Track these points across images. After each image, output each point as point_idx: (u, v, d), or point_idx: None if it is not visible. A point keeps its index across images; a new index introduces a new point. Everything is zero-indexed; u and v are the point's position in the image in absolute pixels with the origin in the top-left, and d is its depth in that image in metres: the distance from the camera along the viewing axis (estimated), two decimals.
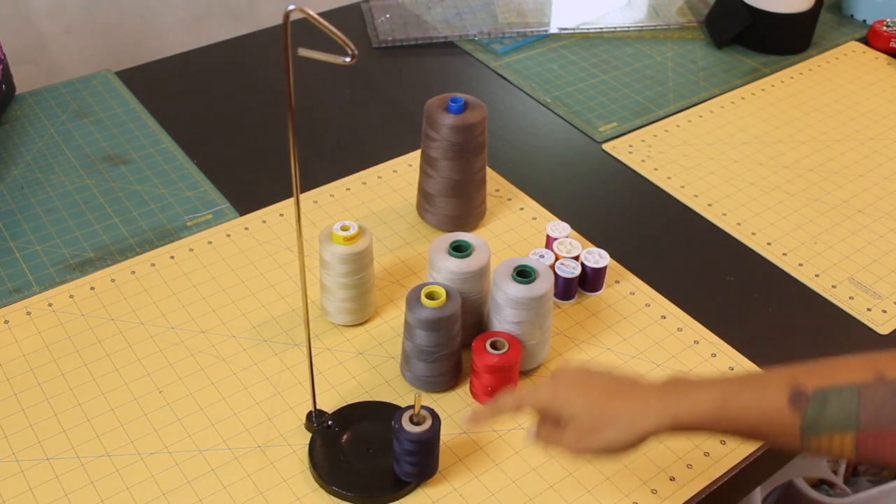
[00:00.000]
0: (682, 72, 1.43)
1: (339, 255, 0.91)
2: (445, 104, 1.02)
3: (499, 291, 0.88)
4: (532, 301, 0.87)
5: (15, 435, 0.85)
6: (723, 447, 0.87)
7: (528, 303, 0.87)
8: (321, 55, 0.62)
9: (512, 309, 0.87)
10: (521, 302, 0.87)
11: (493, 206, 1.13)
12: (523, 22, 1.51)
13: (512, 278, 0.87)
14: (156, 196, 1.13)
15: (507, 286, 0.87)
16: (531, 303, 0.87)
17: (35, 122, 1.25)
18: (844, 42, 1.53)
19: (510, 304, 0.87)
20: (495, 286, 0.89)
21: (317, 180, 1.16)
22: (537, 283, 0.87)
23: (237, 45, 1.45)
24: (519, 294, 0.87)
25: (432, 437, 0.78)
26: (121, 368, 0.91)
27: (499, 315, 0.89)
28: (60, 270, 1.02)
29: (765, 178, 1.21)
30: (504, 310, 0.88)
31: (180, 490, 0.81)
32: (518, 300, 0.87)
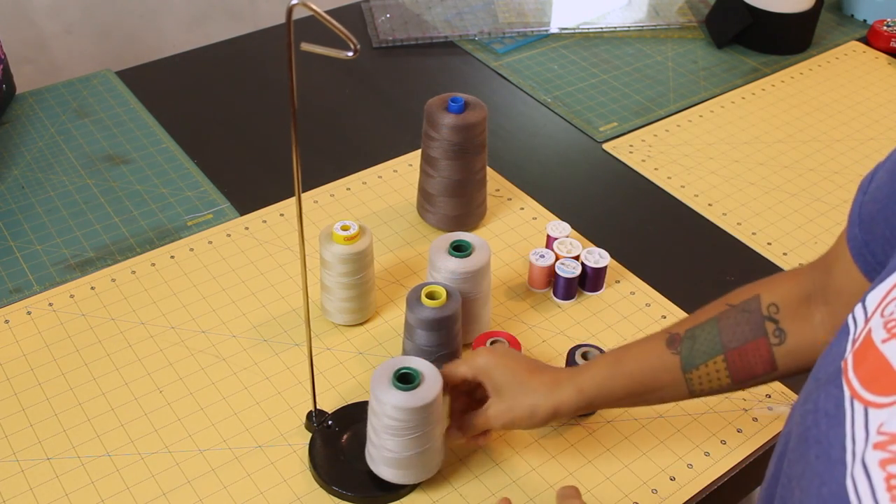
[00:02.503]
0: (682, 72, 1.43)
1: (339, 254, 0.91)
2: (446, 104, 1.02)
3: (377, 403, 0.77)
4: (418, 410, 0.76)
5: (15, 435, 0.85)
6: (723, 447, 0.87)
7: (413, 412, 0.76)
8: (324, 50, 0.62)
9: (392, 420, 0.76)
10: (402, 409, 0.76)
11: (494, 206, 1.13)
12: (523, 22, 1.51)
13: (392, 384, 0.76)
14: (156, 196, 1.13)
15: (387, 394, 0.76)
16: (416, 412, 0.76)
17: (35, 122, 1.25)
18: (845, 42, 1.53)
19: (393, 413, 0.76)
20: (373, 397, 0.77)
21: (317, 180, 1.16)
22: (423, 387, 0.77)
23: (237, 45, 1.45)
24: (403, 403, 0.75)
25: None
26: (121, 368, 0.91)
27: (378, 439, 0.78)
28: (61, 270, 1.02)
29: (765, 177, 1.21)
30: (383, 419, 0.77)
31: (180, 490, 0.81)
32: (400, 408, 0.75)
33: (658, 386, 0.77)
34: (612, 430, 0.87)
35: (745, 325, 0.75)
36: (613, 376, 0.78)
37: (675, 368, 0.77)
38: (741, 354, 0.75)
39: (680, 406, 0.90)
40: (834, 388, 0.50)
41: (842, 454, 0.46)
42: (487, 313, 0.95)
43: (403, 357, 0.79)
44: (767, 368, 0.75)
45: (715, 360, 0.75)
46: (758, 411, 0.90)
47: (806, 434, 0.51)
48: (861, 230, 0.64)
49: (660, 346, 0.78)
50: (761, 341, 0.74)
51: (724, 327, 0.75)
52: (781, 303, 0.75)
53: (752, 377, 0.75)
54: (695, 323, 0.77)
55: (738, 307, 0.76)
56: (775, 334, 0.74)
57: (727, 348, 0.75)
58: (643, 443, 0.86)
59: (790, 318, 0.74)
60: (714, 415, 0.89)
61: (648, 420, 0.88)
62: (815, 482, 0.48)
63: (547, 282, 1.01)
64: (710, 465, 0.85)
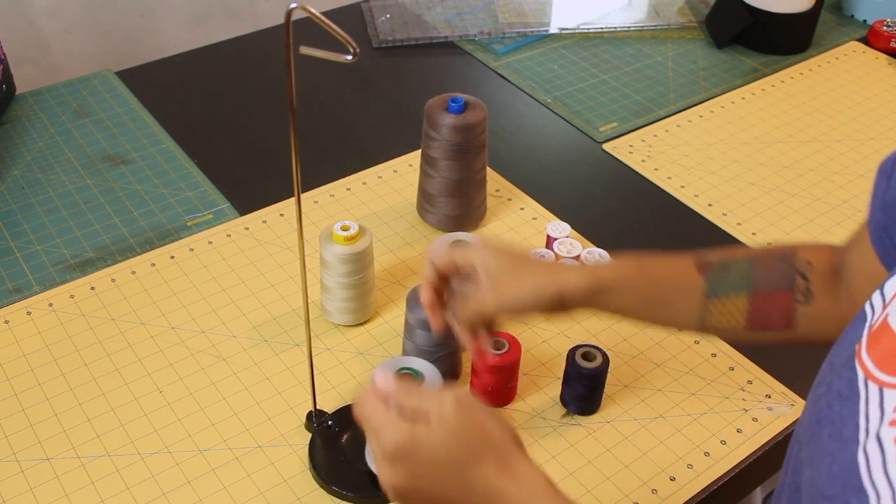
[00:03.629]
0: (682, 72, 1.43)
1: (339, 255, 0.91)
2: (446, 104, 1.02)
3: None
4: None
5: (15, 435, 0.85)
6: (723, 447, 0.87)
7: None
8: (323, 53, 0.62)
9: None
10: None
11: (494, 206, 1.13)
12: (523, 22, 1.51)
13: None
14: (156, 196, 1.13)
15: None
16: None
17: (35, 122, 1.25)
18: (844, 42, 1.53)
19: None
20: None
21: (317, 180, 1.16)
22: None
23: (237, 45, 1.45)
24: None
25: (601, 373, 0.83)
26: (121, 368, 0.91)
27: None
28: (61, 270, 1.02)
29: (765, 178, 1.21)
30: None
31: (180, 490, 0.81)
32: None
33: (675, 302, 0.74)
34: (612, 430, 0.87)
35: (779, 272, 0.73)
36: (634, 276, 0.74)
37: (697, 290, 0.73)
38: (766, 300, 0.72)
39: (680, 406, 0.90)
40: (847, 371, 0.50)
41: (855, 432, 0.46)
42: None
43: (404, 357, 0.79)
44: (784, 324, 0.72)
45: (739, 296, 0.72)
46: (758, 411, 0.90)
47: (818, 416, 0.51)
48: (883, 214, 0.63)
49: (689, 265, 0.74)
50: (789, 294, 0.72)
51: (759, 268, 0.73)
52: (816, 264, 0.73)
53: (767, 327, 0.73)
54: (729, 256, 0.75)
55: (775, 254, 0.74)
56: (803, 292, 0.72)
57: (755, 289, 0.72)
58: (643, 443, 0.86)
59: (820, 283, 0.72)
60: (714, 415, 0.89)
61: (648, 420, 0.89)
62: (825, 460, 0.48)
63: None
64: (710, 465, 0.85)
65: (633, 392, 0.91)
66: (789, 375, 0.93)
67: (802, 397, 0.91)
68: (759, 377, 0.93)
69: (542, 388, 0.91)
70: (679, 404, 0.90)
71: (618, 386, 0.91)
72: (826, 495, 0.46)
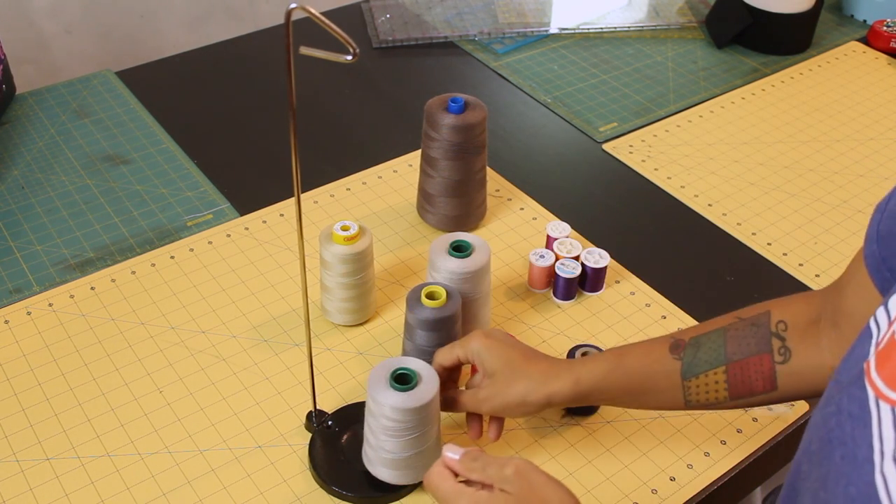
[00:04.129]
0: (682, 72, 1.43)
1: (339, 255, 0.91)
2: (445, 104, 1.02)
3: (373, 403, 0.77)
4: (415, 411, 0.76)
5: (15, 435, 0.85)
6: (723, 447, 0.87)
7: (410, 412, 0.76)
8: (323, 53, 0.62)
9: (389, 420, 0.76)
10: (400, 410, 0.76)
11: (494, 206, 1.13)
12: (523, 22, 1.51)
13: (389, 385, 0.76)
14: (156, 196, 1.13)
15: (384, 395, 0.76)
16: (414, 412, 0.76)
17: (35, 122, 1.25)
18: (844, 42, 1.53)
19: (391, 413, 0.76)
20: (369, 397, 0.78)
21: (317, 180, 1.16)
22: (420, 387, 0.77)
23: (237, 45, 1.45)
24: (400, 404, 0.75)
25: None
26: (121, 368, 0.91)
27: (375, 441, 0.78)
28: (61, 270, 1.02)
29: (765, 178, 1.21)
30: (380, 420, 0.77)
31: (180, 490, 0.81)
32: (397, 409, 0.76)
33: (655, 389, 0.77)
34: (612, 430, 0.87)
35: (752, 338, 0.74)
36: (612, 373, 0.77)
37: (674, 374, 0.76)
38: (743, 368, 0.74)
39: None
40: (857, 390, 0.50)
41: (869, 453, 0.46)
42: (487, 313, 0.95)
43: (400, 357, 0.79)
44: (767, 386, 0.74)
45: (716, 371, 0.75)
46: (758, 411, 0.90)
47: (829, 436, 0.51)
48: (879, 246, 0.63)
49: (663, 350, 0.77)
50: (765, 357, 0.74)
51: (731, 338, 0.75)
52: (791, 321, 0.74)
53: (750, 393, 0.75)
54: (701, 331, 0.77)
55: (747, 320, 0.76)
56: (780, 352, 0.74)
57: (730, 360, 0.74)
58: (643, 443, 0.86)
59: (797, 338, 0.74)
60: (714, 415, 0.89)
61: (648, 420, 0.88)
62: (841, 482, 0.47)
63: (547, 282, 1.01)
64: (710, 465, 0.85)
65: None
66: None
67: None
68: None
69: None
70: None
71: None
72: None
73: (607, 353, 0.80)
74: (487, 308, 0.95)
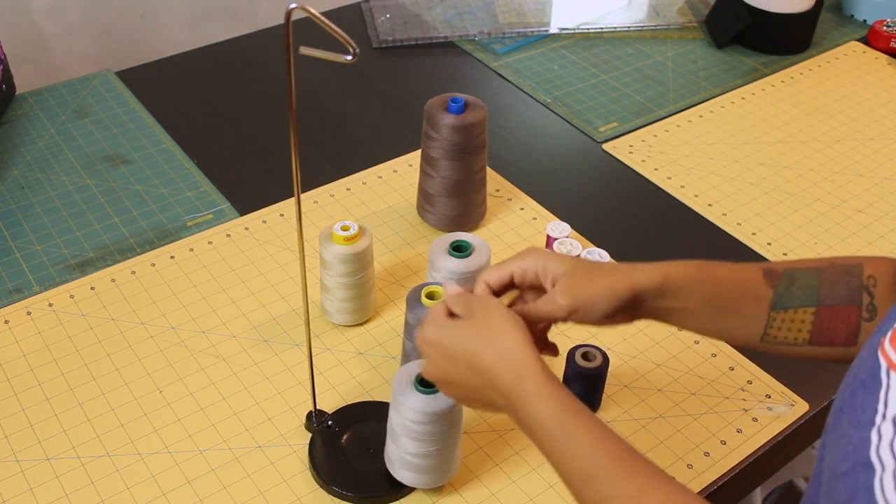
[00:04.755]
0: (682, 72, 1.43)
1: (339, 255, 0.91)
2: (445, 104, 1.02)
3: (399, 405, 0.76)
4: (438, 415, 0.76)
5: (15, 435, 0.85)
6: (723, 447, 0.87)
7: (433, 416, 0.75)
8: (323, 53, 0.62)
9: (412, 423, 0.76)
10: (423, 413, 0.75)
11: (494, 206, 1.13)
12: (523, 22, 1.51)
13: (414, 388, 0.76)
14: (156, 196, 1.13)
15: (409, 397, 0.75)
16: (437, 416, 0.76)
17: (35, 122, 1.25)
18: (844, 42, 1.53)
19: (414, 416, 0.75)
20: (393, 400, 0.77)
21: (317, 180, 1.16)
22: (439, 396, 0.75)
23: (237, 45, 1.45)
24: (424, 407, 0.75)
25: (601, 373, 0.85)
26: (121, 368, 0.91)
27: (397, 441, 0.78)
28: (61, 270, 1.02)
29: (765, 178, 1.21)
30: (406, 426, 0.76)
31: (180, 490, 0.81)
32: (421, 412, 0.75)
33: (740, 311, 0.72)
34: None
35: (845, 286, 0.71)
36: (701, 277, 0.72)
37: (764, 300, 0.72)
38: (832, 314, 0.71)
39: (680, 406, 0.90)
40: (872, 360, 0.51)
41: (872, 416, 0.48)
42: None
43: (421, 360, 0.79)
44: (849, 340, 0.71)
45: (805, 311, 0.71)
46: (758, 411, 0.90)
47: (842, 405, 0.52)
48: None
49: (756, 273, 0.73)
50: (854, 308, 0.71)
51: (826, 281, 0.71)
52: (880, 279, 0.72)
53: (830, 342, 0.72)
54: (795, 267, 0.73)
55: (840, 267, 0.72)
56: (868, 308, 0.71)
57: (822, 302, 0.71)
58: (643, 443, 0.86)
59: (884, 298, 0.71)
60: (714, 415, 0.89)
61: (648, 420, 0.89)
62: (842, 442, 0.49)
63: None
64: (710, 465, 0.85)
65: (633, 392, 0.91)
66: (789, 375, 0.94)
67: (802, 397, 0.91)
68: (759, 377, 0.93)
69: None
70: (679, 404, 0.90)
71: (618, 386, 0.91)
72: (838, 474, 0.47)
73: (697, 261, 0.74)
74: None
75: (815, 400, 0.91)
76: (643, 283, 0.71)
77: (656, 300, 0.72)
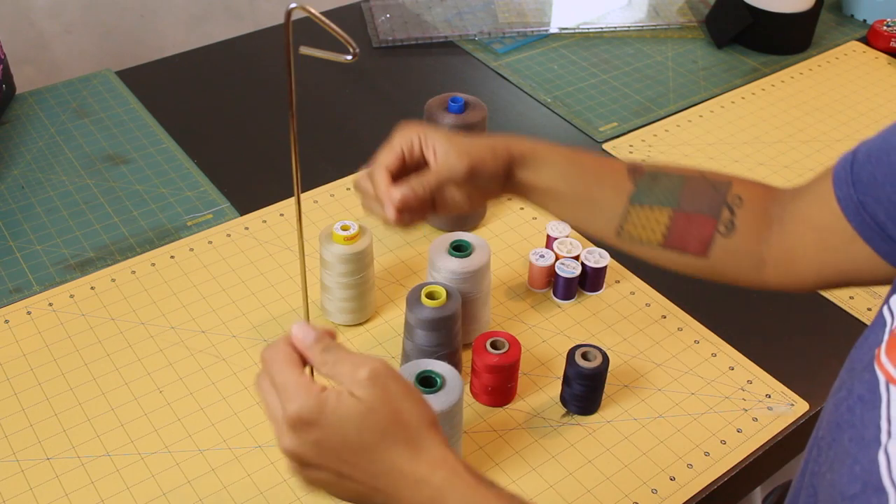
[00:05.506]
0: (682, 72, 1.43)
1: (339, 254, 0.91)
2: (445, 104, 1.02)
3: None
4: (439, 416, 0.74)
5: (15, 435, 0.85)
6: (723, 447, 0.87)
7: None
8: (323, 53, 0.62)
9: None
10: None
11: (494, 206, 1.13)
12: (523, 22, 1.51)
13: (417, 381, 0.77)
14: (156, 196, 1.13)
15: None
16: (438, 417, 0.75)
17: (35, 121, 1.25)
18: (844, 42, 1.53)
19: None
20: None
21: (317, 180, 1.16)
22: (444, 391, 0.76)
23: (237, 45, 1.45)
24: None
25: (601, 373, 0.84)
26: (121, 368, 0.91)
27: None
28: (61, 270, 1.02)
29: (765, 178, 1.21)
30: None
31: (180, 490, 0.81)
32: None
33: (599, 199, 0.75)
34: (612, 430, 0.87)
35: (707, 198, 0.73)
36: (568, 159, 0.75)
37: (624, 193, 0.74)
38: (688, 221, 0.73)
39: (680, 406, 0.90)
40: (868, 374, 0.50)
41: (876, 433, 0.47)
42: (487, 313, 0.95)
43: (426, 360, 0.79)
44: (700, 250, 0.73)
45: (662, 211, 0.73)
46: (758, 411, 0.90)
47: (839, 420, 0.51)
48: (856, 190, 0.65)
49: (621, 167, 0.76)
50: (711, 221, 0.72)
51: (689, 188, 0.73)
52: (747, 201, 0.73)
53: (682, 249, 0.73)
54: (662, 169, 0.76)
55: (709, 180, 0.74)
56: (726, 224, 0.72)
57: (680, 207, 0.73)
58: (643, 443, 0.86)
59: (746, 219, 0.73)
60: (714, 415, 0.89)
61: (648, 420, 0.89)
62: (847, 462, 0.48)
63: (547, 282, 1.02)
64: (710, 465, 0.85)
65: (633, 392, 0.91)
66: (789, 375, 0.94)
67: (802, 397, 0.91)
68: (759, 377, 0.93)
69: (542, 388, 0.91)
70: (679, 404, 0.90)
71: (618, 386, 0.92)
72: (846, 496, 0.46)
73: (567, 145, 0.78)
74: (487, 308, 0.95)
75: (815, 400, 0.91)
76: (517, 147, 0.75)
77: (525, 170, 0.75)
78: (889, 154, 0.63)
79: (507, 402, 0.89)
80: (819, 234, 0.70)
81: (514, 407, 0.89)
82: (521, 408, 0.89)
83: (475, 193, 0.77)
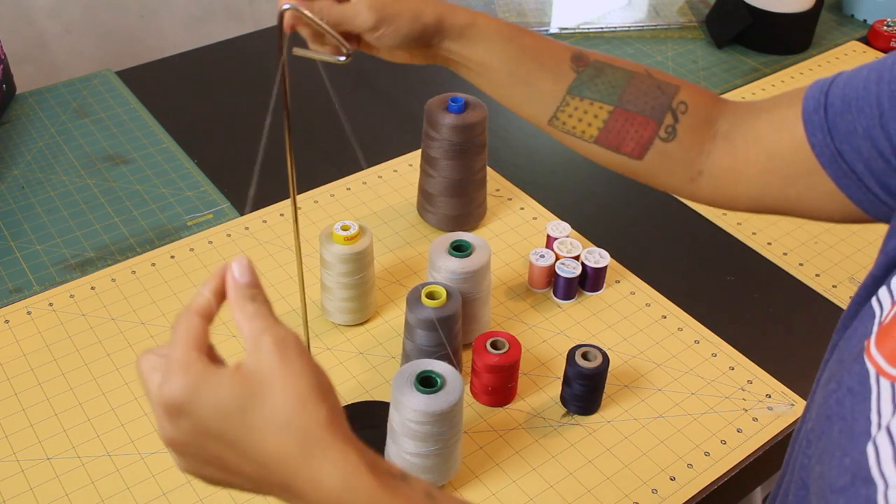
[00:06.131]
0: (682, 72, 1.43)
1: (339, 254, 0.91)
2: (446, 104, 1.02)
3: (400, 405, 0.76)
4: (439, 415, 0.76)
5: (15, 435, 0.85)
6: (723, 447, 0.87)
7: (433, 416, 0.75)
8: (316, 54, 0.62)
9: (412, 423, 0.75)
10: (423, 413, 0.75)
11: (494, 206, 1.13)
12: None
13: (414, 387, 0.76)
14: (156, 196, 1.13)
15: (409, 397, 0.75)
16: (437, 416, 0.75)
17: (35, 121, 1.25)
18: (845, 42, 1.53)
19: (413, 416, 0.75)
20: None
21: (317, 180, 1.16)
22: (445, 391, 0.76)
23: (237, 45, 1.45)
24: (424, 407, 0.75)
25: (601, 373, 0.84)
26: (121, 368, 0.91)
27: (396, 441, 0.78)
28: (61, 270, 1.02)
29: None
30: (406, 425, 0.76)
31: (180, 490, 0.81)
32: (420, 412, 0.75)
33: (536, 83, 0.71)
34: (612, 430, 0.87)
35: (651, 99, 0.69)
36: (510, 37, 0.71)
37: (564, 81, 0.71)
38: (627, 120, 0.69)
39: (680, 406, 0.90)
40: (857, 366, 0.50)
41: (866, 426, 0.46)
42: (487, 313, 0.95)
43: (426, 360, 0.79)
44: (635, 152, 0.70)
45: (602, 106, 0.70)
46: (758, 411, 0.90)
47: (829, 413, 0.51)
48: (834, 139, 0.62)
49: (565, 54, 0.71)
50: (652, 124, 0.69)
51: (633, 86, 0.70)
52: (692, 109, 0.70)
53: (616, 149, 0.71)
54: (608, 62, 0.71)
55: (655, 81, 0.71)
56: (667, 129, 0.69)
57: (621, 104, 0.69)
58: (643, 443, 0.86)
59: (688, 127, 0.70)
60: (714, 415, 0.89)
61: (648, 420, 0.89)
62: (836, 454, 0.47)
63: (547, 282, 1.02)
64: (710, 465, 0.85)
65: (633, 392, 0.91)
66: (789, 375, 0.94)
67: (803, 397, 0.91)
68: (759, 377, 0.93)
69: (542, 388, 0.91)
70: (679, 404, 0.90)
71: (618, 386, 0.92)
72: (835, 488, 0.46)
73: (511, 23, 0.73)
74: (487, 308, 0.95)
75: None
76: (451, 18, 0.70)
77: (457, 41, 0.71)
78: (871, 106, 0.60)
79: (507, 402, 0.89)
80: (772, 161, 0.67)
81: (515, 407, 0.89)
82: (521, 408, 0.89)
83: (395, 50, 0.74)
